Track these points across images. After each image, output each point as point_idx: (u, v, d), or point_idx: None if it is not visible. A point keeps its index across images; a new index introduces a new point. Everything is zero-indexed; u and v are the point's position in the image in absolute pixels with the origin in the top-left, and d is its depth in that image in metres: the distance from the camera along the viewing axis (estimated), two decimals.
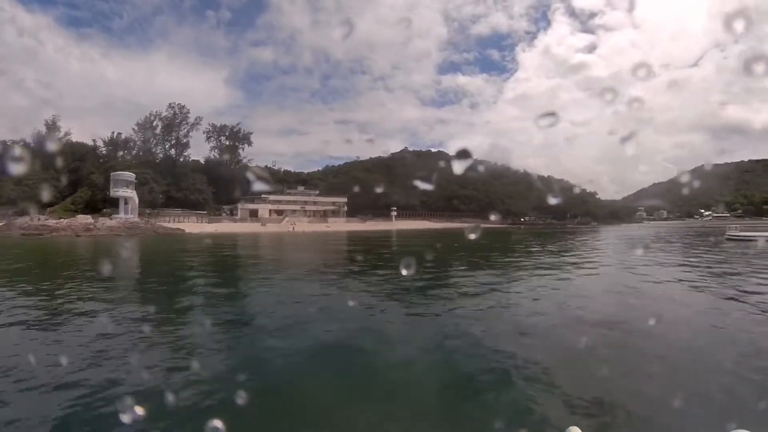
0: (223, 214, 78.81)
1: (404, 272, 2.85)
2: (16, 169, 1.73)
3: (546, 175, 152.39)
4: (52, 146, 63.65)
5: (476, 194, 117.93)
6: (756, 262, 19.44)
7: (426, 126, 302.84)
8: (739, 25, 1.68)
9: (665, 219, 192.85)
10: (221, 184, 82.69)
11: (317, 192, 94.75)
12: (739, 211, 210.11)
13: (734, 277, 15.19)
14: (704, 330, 8.04)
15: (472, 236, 3.48)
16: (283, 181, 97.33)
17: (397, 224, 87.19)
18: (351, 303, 10.15)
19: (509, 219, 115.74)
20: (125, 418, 2.63)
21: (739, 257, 23.42)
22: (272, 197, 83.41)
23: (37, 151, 44.35)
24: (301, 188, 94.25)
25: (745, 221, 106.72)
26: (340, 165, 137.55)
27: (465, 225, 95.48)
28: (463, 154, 1.99)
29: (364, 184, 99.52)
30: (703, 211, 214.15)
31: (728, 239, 37.33)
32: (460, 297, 11.09)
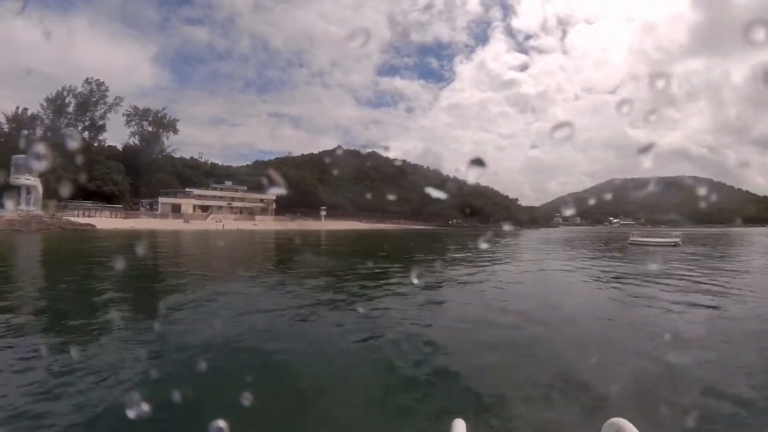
0: (142, 209, 73.58)
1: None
2: None
3: (474, 183, 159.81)
4: None
5: (407, 196, 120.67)
6: (649, 260, 25.07)
7: (361, 125, 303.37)
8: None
9: (579, 225, 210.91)
10: (141, 175, 76.96)
11: (245, 188, 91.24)
12: (642, 219, 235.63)
13: (629, 273, 19.11)
14: (600, 321, 9.92)
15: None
16: (209, 174, 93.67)
17: (327, 224, 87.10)
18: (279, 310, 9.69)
19: (438, 221, 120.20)
20: None
21: (639, 257, 28.60)
22: (197, 192, 79.96)
23: None
24: (229, 183, 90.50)
25: (647, 228, 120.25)
26: (270, 160, 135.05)
27: (396, 226, 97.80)
28: (478, 162, 2.07)
29: (295, 182, 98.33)
30: (611, 218, 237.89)
31: (631, 243, 43.61)
32: (393, 296, 11.65)
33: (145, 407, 3.03)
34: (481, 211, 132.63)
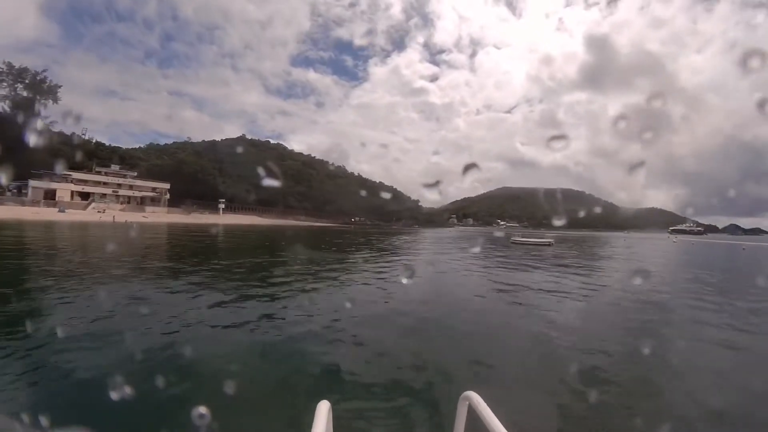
0: (7, 194, 62.96)
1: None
2: None
3: (377, 181, 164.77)
4: None
5: (311, 192, 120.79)
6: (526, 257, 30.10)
7: (267, 115, 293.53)
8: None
9: (471, 225, 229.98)
10: (7, 151, 67.52)
11: (135, 174, 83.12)
12: (525, 222, 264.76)
13: (509, 266, 23.04)
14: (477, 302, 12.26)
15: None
16: (93, 155, 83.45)
17: (225, 218, 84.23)
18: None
19: (341, 219, 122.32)
20: None
21: (517, 253, 33.75)
22: (77, 176, 71.41)
23: None
24: (116, 167, 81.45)
25: (528, 230, 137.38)
26: (166, 144, 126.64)
27: (297, 223, 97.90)
28: (471, 166, 2.24)
29: (193, 170, 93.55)
30: (499, 221, 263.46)
31: (512, 243, 50.18)
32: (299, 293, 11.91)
33: None
34: (383, 210, 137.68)
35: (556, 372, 6.42)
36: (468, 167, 2.29)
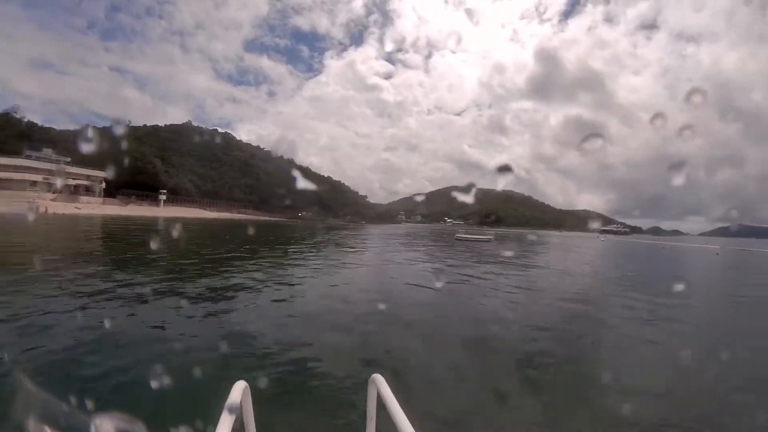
0: None
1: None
2: None
3: (326, 175, 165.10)
4: None
5: (258, 185, 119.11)
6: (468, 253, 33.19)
7: (216, 101, 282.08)
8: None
9: (420, 222, 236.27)
10: None
11: (69, 159, 75.76)
12: (470, 220, 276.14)
13: (451, 259, 26.66)
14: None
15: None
16: (24, 137, 77.72)
17: (166, 211, 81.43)
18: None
19: (288, 213, 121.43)
20: None
21: (461, 249, 37.39)
22: (1, 160, 65.51)
23: None
24: (48, 151, 74.81)
25: (472, 228, 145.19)
26: (106, 127, 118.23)
27: (242, 217, 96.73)
28: (505, 168, 2.20)
29: (133, 158, 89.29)
30: (446, 218, 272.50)
31: (457, 239, 54.73)
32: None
33: None
34: (331, 205, 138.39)
35: (478, 356, 7.54)
36: (502, 169, 2.23)
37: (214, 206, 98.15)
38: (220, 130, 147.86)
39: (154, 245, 22.80)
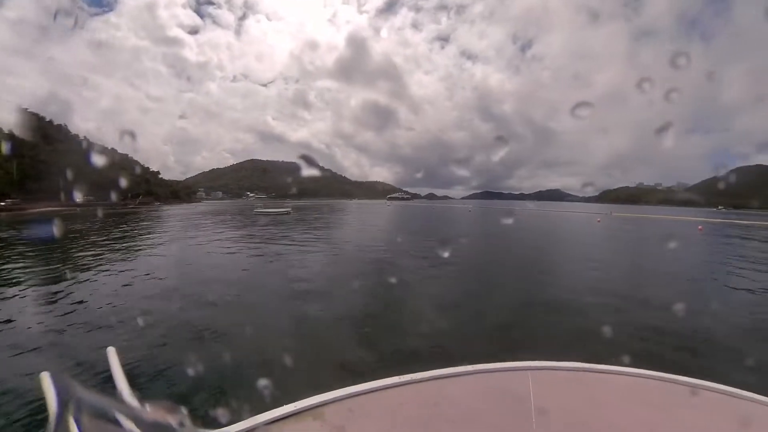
0: None
1: None
2: None
3: (110, 147, 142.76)
4: None
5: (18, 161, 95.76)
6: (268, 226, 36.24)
7: None
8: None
9: (221, 199, 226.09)
10: None
11: None
12: (273, 194, 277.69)
13: (257, 235, 28.17)
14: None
15: None
16: None
17: None
18: None
19: (57, 200, 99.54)
20: None
21: (260, 223, 39.66)
22: None
23: None
24: None
25: (275, 201, 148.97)
26: None
27: None
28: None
29: None
30: (249, 192, 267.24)
31: (256, 213, 57.50)
32: None
33: None
34: (116, 185, 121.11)
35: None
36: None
37: None
38: None
39: None
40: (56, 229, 28.66)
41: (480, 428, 2.27)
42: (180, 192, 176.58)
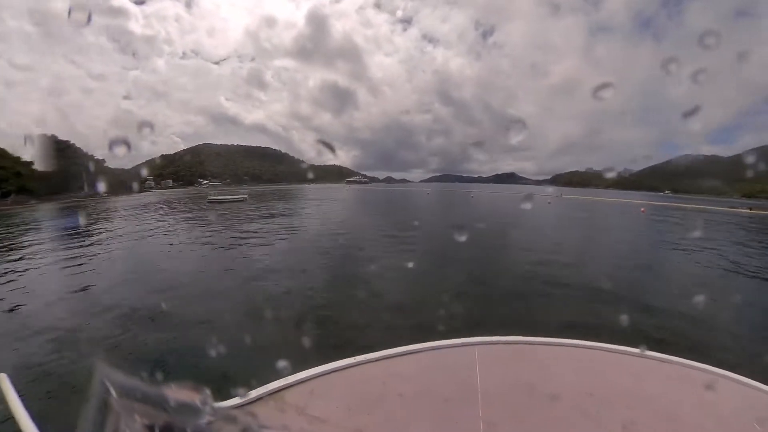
0: None
1: None
2: None
3: (50, 134, 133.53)
4: None
5: None
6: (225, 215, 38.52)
7: None
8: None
9: (171, 187, 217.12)
10: None
11: None
12: (228, 180, 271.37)
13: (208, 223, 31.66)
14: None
15: None
16: None
17: None
18: None
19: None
20: None
21: (212, 212, 41.57)
22: None
23: None
24: None
25: (230, 188, 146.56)
26: None
27: None
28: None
29: None
30: (201, 179, 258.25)
31: (209, 201, 58.02)
32: None
33: None
34: (58, 178, 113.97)
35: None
36: (514, 122, 1.84)
37: None
38: None
39: None
40: None
41: (430, 402, 2.45)
42: (128, 181, 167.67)
